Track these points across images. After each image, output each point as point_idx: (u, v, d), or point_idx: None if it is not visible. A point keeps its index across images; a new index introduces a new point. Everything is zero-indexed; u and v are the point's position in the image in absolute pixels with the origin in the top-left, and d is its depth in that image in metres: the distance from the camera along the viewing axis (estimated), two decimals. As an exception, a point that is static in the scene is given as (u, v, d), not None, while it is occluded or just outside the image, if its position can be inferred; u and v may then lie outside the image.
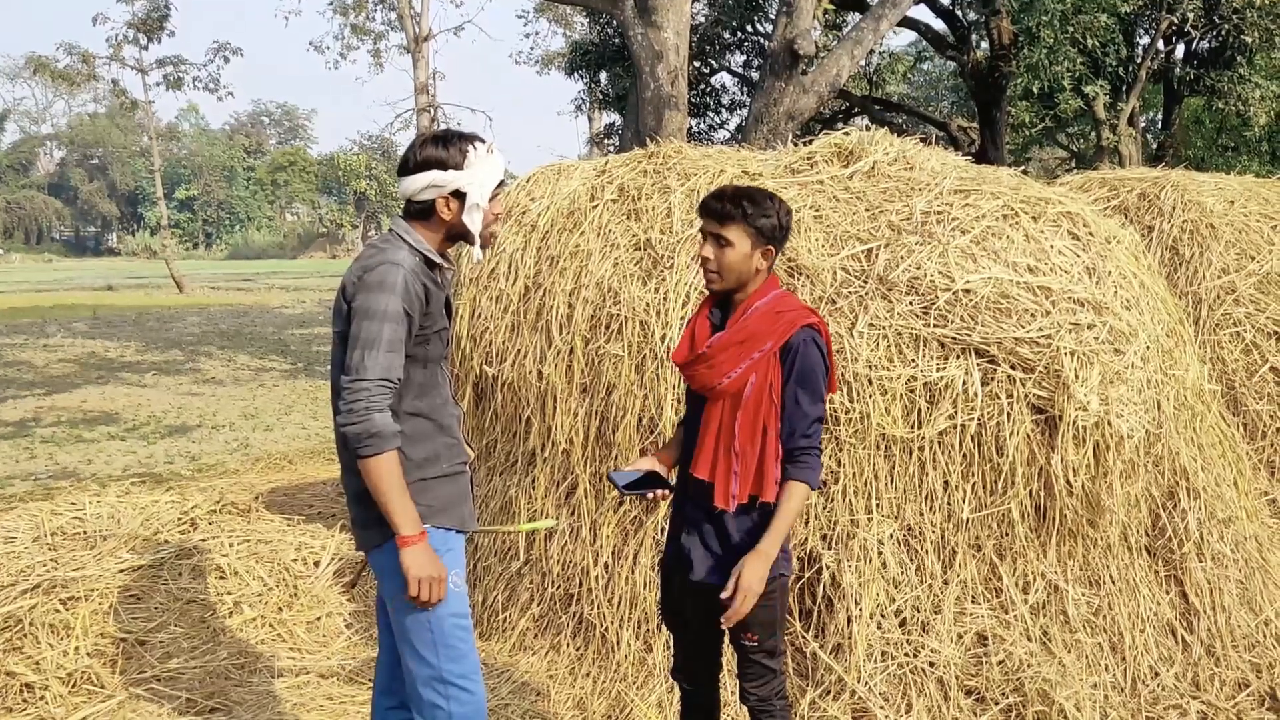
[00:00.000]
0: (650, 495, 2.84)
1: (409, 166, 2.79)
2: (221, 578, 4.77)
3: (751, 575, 2.68)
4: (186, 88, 32.29)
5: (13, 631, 4.27)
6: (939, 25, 17.85)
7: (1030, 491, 3.87)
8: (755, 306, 2.76)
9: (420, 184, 2.76)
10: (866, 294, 3.92)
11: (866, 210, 4.19)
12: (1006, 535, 3.92)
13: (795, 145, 4.90)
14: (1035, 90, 16.79)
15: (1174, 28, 18.34)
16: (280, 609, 4.69)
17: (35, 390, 12.66)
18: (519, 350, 4.44)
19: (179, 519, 5.11)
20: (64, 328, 20.42)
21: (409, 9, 30.92)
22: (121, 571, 4.66)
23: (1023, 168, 5.11)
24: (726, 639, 3.00)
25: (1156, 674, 4.08)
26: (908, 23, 17.14)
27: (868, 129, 4.47)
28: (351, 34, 32.95)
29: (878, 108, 19.05)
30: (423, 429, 2.81)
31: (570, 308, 4.30)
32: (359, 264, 2.73)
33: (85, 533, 5.11)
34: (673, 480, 2.95)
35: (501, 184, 2.90)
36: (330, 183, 74.61)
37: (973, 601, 3.92)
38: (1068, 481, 3.82)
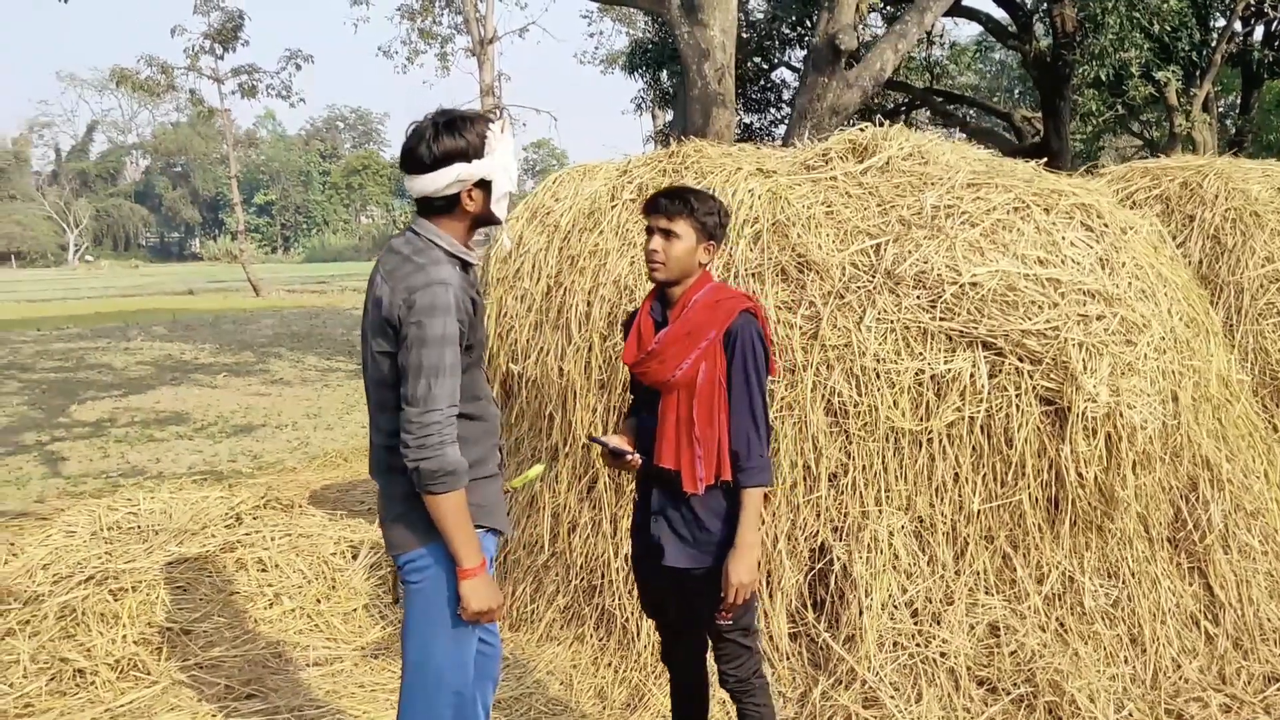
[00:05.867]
0: (629, 456, 2.95)
1: (426, 163, 2.60)
2: (263, 570, 4.97)
3: (740, 570, 2.83)
4: (260, 95, 33.18)
5: (67, 620, 4.51)
6: (1001, 15, 17.59)
7: (1042, 483, 3.88)
8: (695, 299, 2.90)
9: (444, 181, 2.60)
10: (874, 288, 3.96)
11: (878, 206, 4.22)
12: (1019, 526, 3.93)
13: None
14: (1103, 78, 16.44)
15: (1252, 9, 17.83)
16: (318, 600, 4.87)
17: (113, 392, 13.16)
18: (541, 348, 4.56)
19: (225, 514, 5.32)
20: (144, 331, 21.14)
21: (474, 12, 31.38)
22: (169, 564, 4.88)
23: (1094, 159, 5.05)
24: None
25: (1179, 666, 4.05)
26: (968, 13, 16.92)
27: (931, 121, 4.49)
28: (419, 38, 33.53)
29: (939, 100, 18.82)
30: (475, 430, 2.76)
31: (589, 306, 4.41)
32: (401, 284, 2.59)
33: (139, 527, 5.36)
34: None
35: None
36: (403, 185, 75.83)
37: (985, 593, 3.93)
38: (1079, 473, 3.82)
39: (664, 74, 19.48)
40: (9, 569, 5.14)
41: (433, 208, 2.69)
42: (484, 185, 2.67)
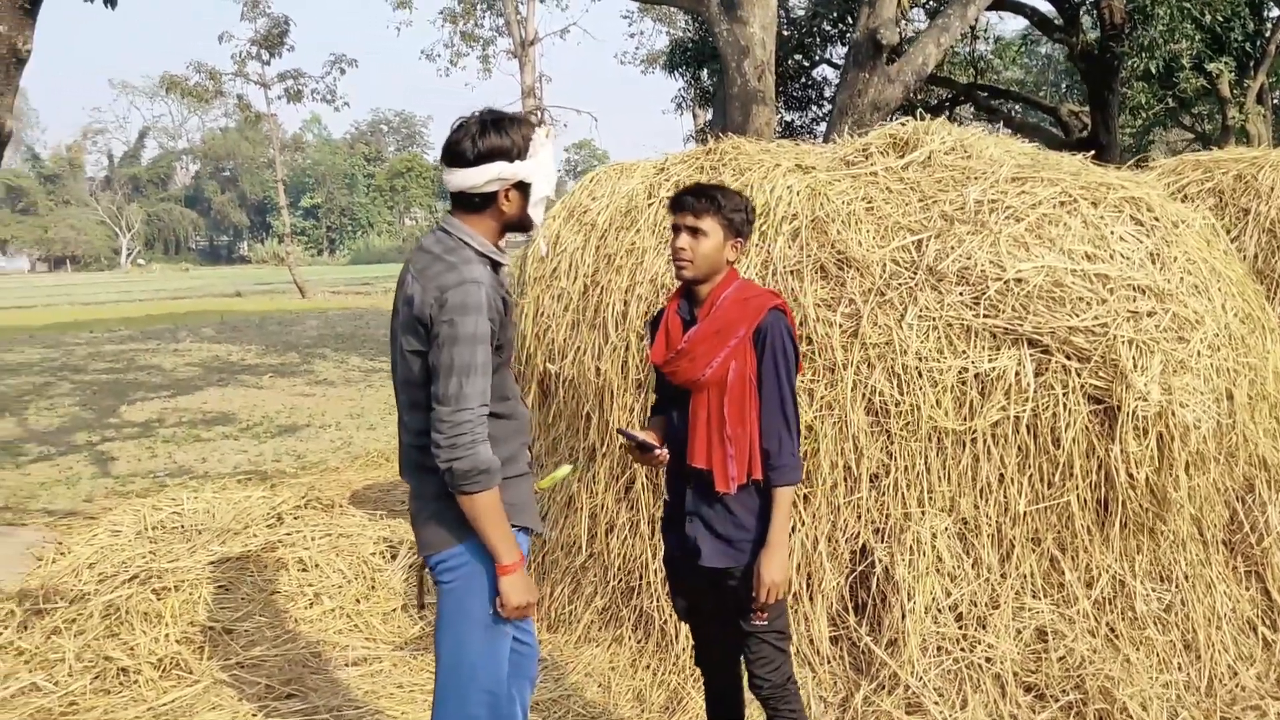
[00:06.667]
0: (656, 451, 2.93)
1: (469, 158, 2.60)
2: (304, 570, 4.99)
3: (772, 569, 2.82)
4: (306, 99, 33.53)
5: (112, 619, 4.55)
6: (1047, 8, 17.30)
7: (1090, 484, 3.78)
8: (724, 296, 2.87)
9: (485, 177, 2.60)
10: (916, 285, 3.88)
11: (919, 201, 4.14)
12: (1067, 528, 3.83)
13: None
14: (1153, 70, 16.10)
15: (1310, -3, 17.39)
16: (358, 600, 4.88)
17: (162, 392, 13.34)
18: (578, 347, 4.53)
19: (267, 514, 5.35)
20: (193, 333, 21.45)
21: (515, 14, 31.53)
22: (211, 563, 4.91)
23: (1144, 154, 4.92)
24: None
25: (1235, 674, 3.93)
26: (1013, 7, 16.67)
27: (975, 117, 4.41)
28: (461, 41, 33.78)
29: (983, 95, 18.56)
30: (504, 429, 2.75)
31: (626, 305, 4.37)
32: (433, 283, 2.57)
33: (183, 527, 5.41)
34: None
35: None
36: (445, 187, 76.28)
37: (1033, 596, 3.84)
38: (1129, 474, 3.72)
39: (704, 73, 19.39)
40: (56, 568, 5.21)
41: (468, 205, 2.68)
42: (522, 188, 2.67)
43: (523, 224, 2.73)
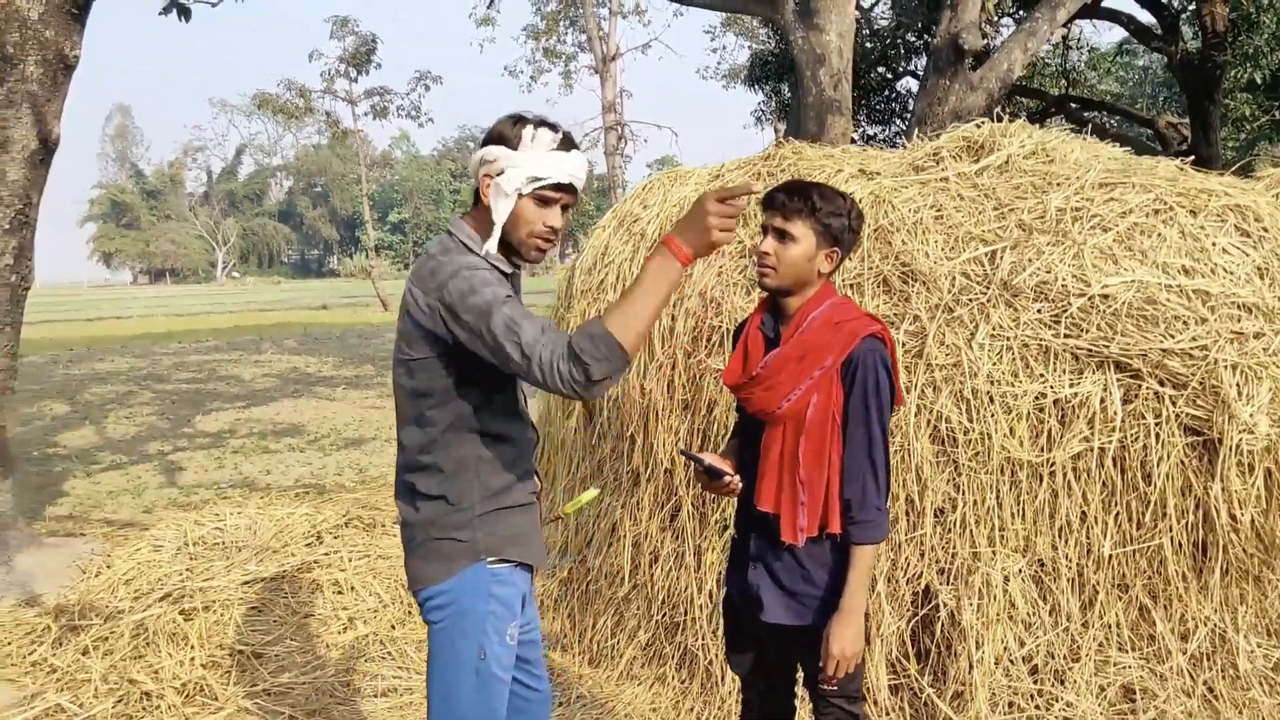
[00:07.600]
0: (727, 478, 2.55)
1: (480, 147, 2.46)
2: (339, 593, 4.79)
3: (843, 640, 2.44)
4: (391, 116, 34.05)
5: (139, 640, 4.40)
6: (1146, 18, 16.57)
7: (1186, 525, 3.37)
8: (812, 317, 2.48)
9: (474, 162, 2.43)
10: (988, 301, 3.52)
11: (995, 209, 3.78)
12: (1158, 574, 3.42)
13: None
14: (1258, 80, 15.30)
15: None
16: (393, 626, 4.66)
17: (237, 403, 13.43)
18: (624, 365, 4.25)
19: (307, 533, 5.17)
20: (275, 344, 21.72)
21: (598, 30, 31.58)
22: (245, 583, 4.74)
23: (1248, 169, 4.46)
24: (801, 681, 2.70)
25: (1353, 743, 3.48)
26: (1108, 15, 16.01)
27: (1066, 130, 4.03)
28: (543, 57, 33.97)
29: (1075, 106, 17.87)
30: (506, 454, 2.50)
31: (672, 320, 4.08)
32: (430, 283, 2.36)
33: (223, 544, 5.26)
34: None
35: (567, 189, 2.41)
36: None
37: (1119, 649, 3.44)
38: (1232, 515, 3.30)
39: (784, 86, 19.07)
40: (97, 582, 5.10)
41: (475, 201, 2.47)
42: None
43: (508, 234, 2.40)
